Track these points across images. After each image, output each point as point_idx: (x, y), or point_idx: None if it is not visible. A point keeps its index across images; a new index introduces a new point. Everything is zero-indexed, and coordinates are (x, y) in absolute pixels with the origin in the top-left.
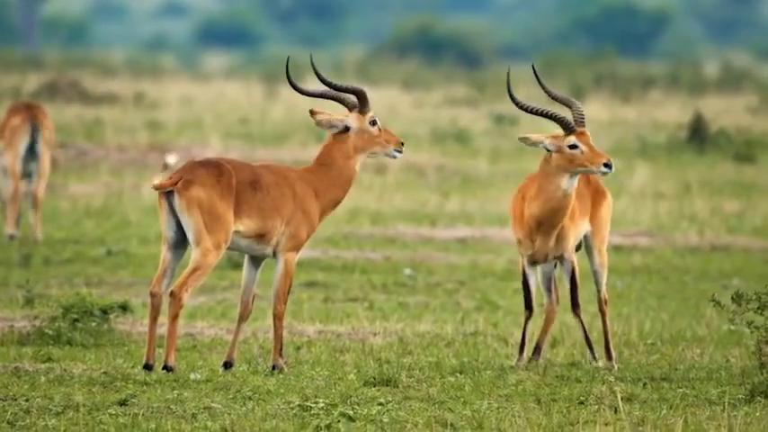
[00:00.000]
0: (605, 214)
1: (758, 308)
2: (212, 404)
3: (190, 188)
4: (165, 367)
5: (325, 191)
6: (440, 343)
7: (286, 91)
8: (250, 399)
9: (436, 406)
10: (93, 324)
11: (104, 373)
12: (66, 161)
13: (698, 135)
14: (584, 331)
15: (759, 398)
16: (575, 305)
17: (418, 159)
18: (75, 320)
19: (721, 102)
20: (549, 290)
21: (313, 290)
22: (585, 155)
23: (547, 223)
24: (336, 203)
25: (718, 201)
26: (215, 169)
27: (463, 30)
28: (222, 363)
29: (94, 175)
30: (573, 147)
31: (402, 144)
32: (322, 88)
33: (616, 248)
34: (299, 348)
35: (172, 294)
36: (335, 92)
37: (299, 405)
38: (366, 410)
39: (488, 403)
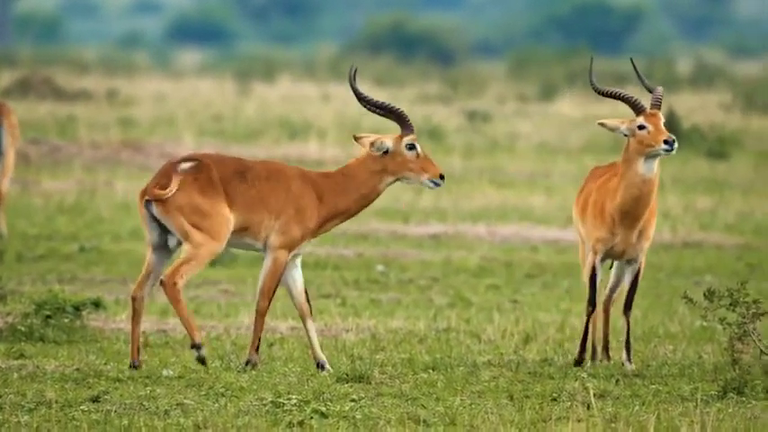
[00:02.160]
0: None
1: (730, 304)
2: (185, 401)
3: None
4: (194, 346)
5: (332, 197)
6: (412, 339)
7: (259, 88)
8: (223, 395)
9: (409, 402)
10: (66, 321)
11: (77, 369)
12: (39, 158)
13: (671, 131)
14: (628, 333)
15: (731, 394)
16: (627, 307)
17: None
18: (48, 317)
19: (694, 99)
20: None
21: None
22: (651, 134)
23: (631, 214)
24: (347, 215)
25: (690, 197)
26: (191, 168)
27: (436, 27)
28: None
29: (67, 172)
30: (641, 127)
31: (442, 177)
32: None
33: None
34: (271, 345)
35: (162, 284)
36: (391, 108)
37: (271, 401)
38: (339, 407)
39: (461, 400)
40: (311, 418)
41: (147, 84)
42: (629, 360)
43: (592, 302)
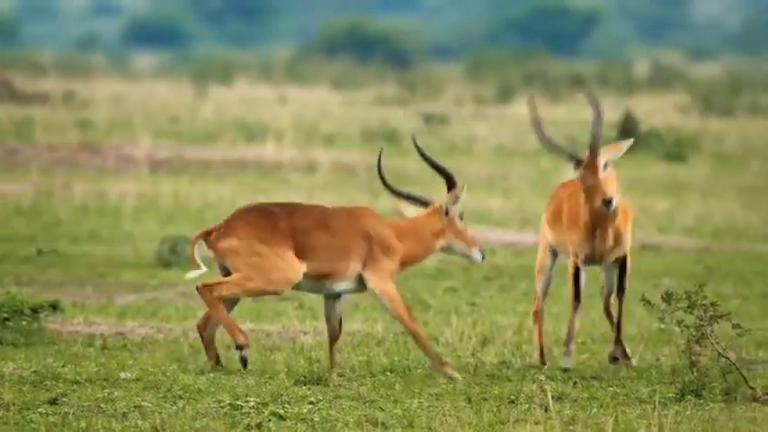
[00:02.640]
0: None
1: (688, 307)
2: (143, 403)
3: (219, 240)
4: (238, 347)
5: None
6: (370, 342)
7: (216, 90)
8: (180, 398)
9: (367, 405)
10: (24, 323)
11: (34, 372)
12: None
13: (628, 134)
14: (618, 324)
15: (689, 396)
16: (621, 291)
17: (348, 158)
18: (6, 319)
19: (651, 101)
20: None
21: None
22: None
23: (598, 229)
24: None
25: (648, 200)
26: (257, 216)
27: (393, 29)
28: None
29: (25, 174)
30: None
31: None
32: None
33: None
34: (229, 348)
35: (198, 289)
36: (416, 197)
37: (229, 404)
38: (296, 409)
39: (419, 402)
40: (269, 420)
41: (104, 86)
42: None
43: (576, 297)
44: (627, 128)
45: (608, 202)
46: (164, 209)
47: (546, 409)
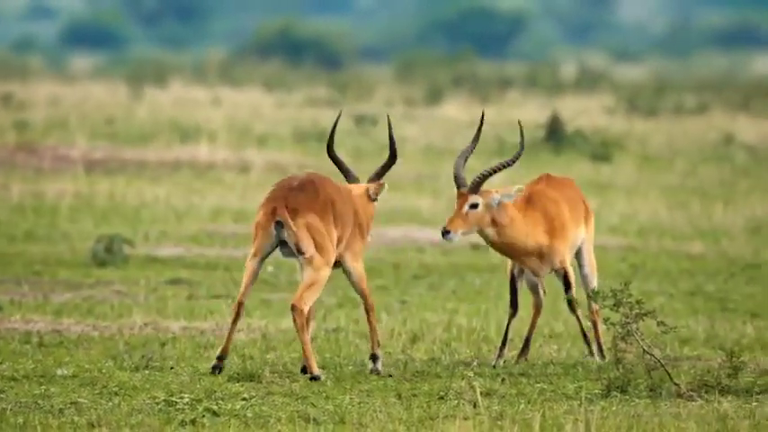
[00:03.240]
0: (592, 221)
1: (614, 305)
2: (79, 399)
3: (297, 217)
4: (313, 378)
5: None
6: None
7: (151, 91)
8: (116, 394)
9: (299, 401)
10: None
11: None
12: None
13: (555, 135)
14: (582, 329)
15: (615, 392)
16: (570, 303)
17: (280, 159)
18: None
19: (578, 102)
20: (535, 291)
21: (177, 287)
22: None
23: (508, 253)
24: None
25: None
26: (314, 190)
27: (324, 31)
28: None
29: None
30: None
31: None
32: None
33: (474, 246)
34: (163, 345)
35: (293, 308)
36: (350, 171)
37: (164, 400)
38: (230, 405)
39: (350, 398)
40: (203, 416)
41: (41, 87)
42: (600, 353)
43: (512, 305)
44: (553, 129)
45: (444, 233)
46: (99, 208)
47: (475, 405)
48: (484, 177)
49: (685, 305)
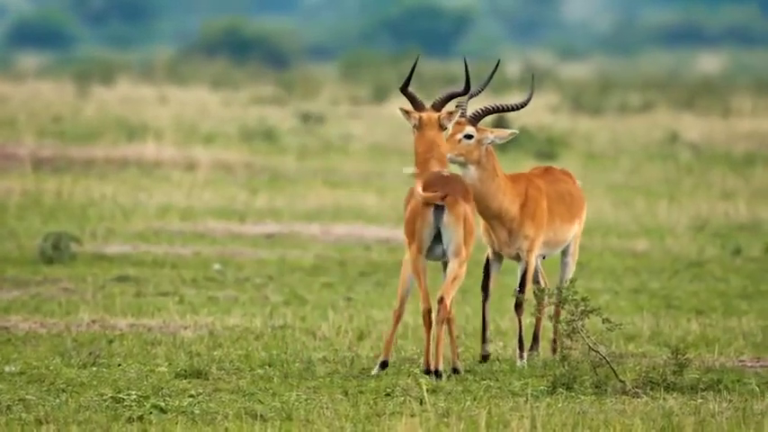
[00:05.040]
0: (583, 217)
1: (559, 302)
2: (27, 396)
3: (458, 204)
4: (436, 372)
5: None
6: (249, 336)
7: (98, 90)
8: (64, 391)
9: (246, 398)
10: None
11: None
12: None
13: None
14: (520, 331)
15: (561, 389)
16: (516, 305)
17: (227, 157)
18: None
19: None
20: (536, 281)
21: (124, 284)
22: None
23: (481, 213)
24: None
25: None
26: (464, 184)
27: (270, 30)
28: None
29: None
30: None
31: None
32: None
33: None
34: (111, 342)
35: (441, 301)
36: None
37: (111, 397)
38: (177, 402)
39: (297, 395)
40: (150, 413)
41: None
42: (521, 356)
43: (484, 289)
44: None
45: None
46: (47, 206)
47: (421, 402)
48: (487, 112)
49: (630, 302)
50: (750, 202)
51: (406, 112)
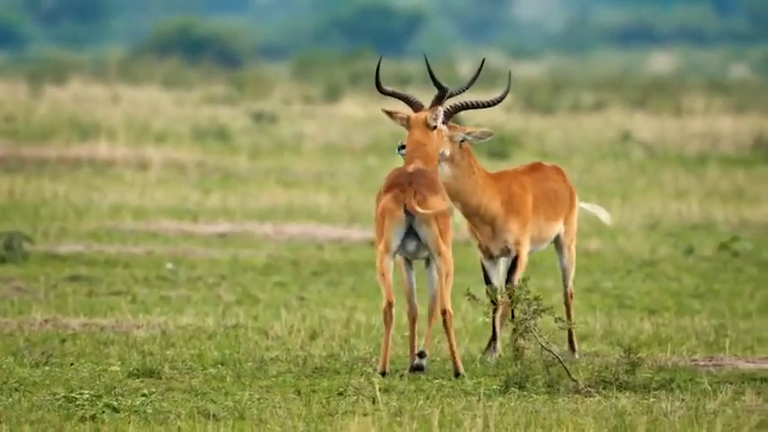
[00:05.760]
0: (575, 214)
1: (512, 301)
2: None
3: (427, 200)
4: (457, 374)
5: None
6: (202, 335)
7: (50, 90)
8: (16, 390)
9: (199, 397)
10: None
11: None
12: None
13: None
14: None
15: (513, 388)
16: (493, 300)
17: (179, 156)
18: None
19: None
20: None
21: (77, 284)
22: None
23: (460, 203)
24: None
25: None
26: (431, 177)
27: (222, 29)
28: (410, 367)
29: None
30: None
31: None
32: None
33: (373, 243)
34: (63, 341)
35: (445, 313)
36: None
37: (64, 396)
38: (130, 401)
39: (249, 394)
40: (103, 412)
41: None
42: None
43: (492, 300)
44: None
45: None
46: None
47: (374, 401)
48: (458, 108)
49: (583, 302)
50: (702, 202)
51: (390, 114)
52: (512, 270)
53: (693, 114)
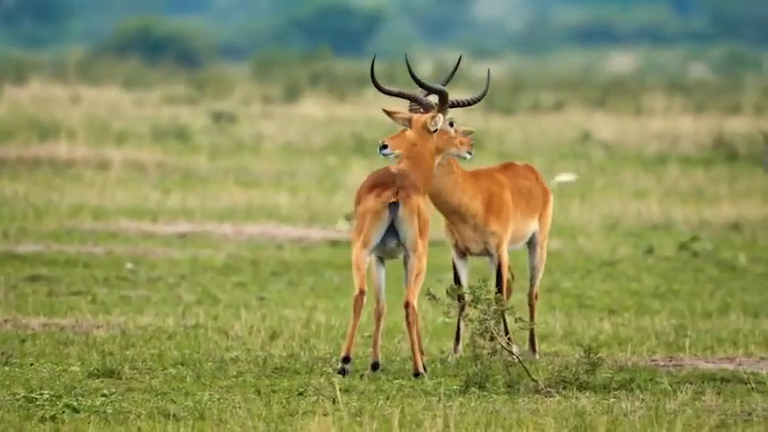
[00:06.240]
0: (550, 212)
1: (472, 301)
2: None
3: (411, 198)
4: (417, 374)
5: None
6: (162, 335)
7: (9, 90)
8: None
9: (159, 397)
10: None
11: None
12: None
13: None
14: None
15: (473, 388)
16: (460, 297)
17: (139, 156)
18: None
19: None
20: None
21: (37, 284)
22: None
23: (438, 202)
24: None
25: None
26: (414, 178)
27: (182, 29)
28: (370, 365)
29: None
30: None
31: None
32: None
33: (332, 243)
34: (23, 341)
35: (407, 305)
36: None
37: (24, 396)
38: (90, 402)
39: (210, 394)
40: (63, 412)
41: None
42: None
43: (458, 297)
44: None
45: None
46: None
47: (334, 401)
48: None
49: (543, 302)
50: (662, 202)
51: (390, 114)
52: (498, 280)
53: (653, 114)
